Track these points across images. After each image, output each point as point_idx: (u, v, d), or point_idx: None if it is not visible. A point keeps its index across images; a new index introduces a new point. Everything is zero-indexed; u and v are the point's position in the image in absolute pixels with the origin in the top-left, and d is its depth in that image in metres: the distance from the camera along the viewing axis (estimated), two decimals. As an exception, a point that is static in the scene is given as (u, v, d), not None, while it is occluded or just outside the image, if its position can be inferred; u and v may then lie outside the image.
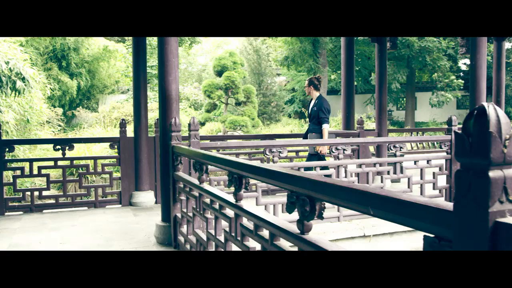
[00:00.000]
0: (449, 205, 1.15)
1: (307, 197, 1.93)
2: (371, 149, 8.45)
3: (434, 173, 5.58)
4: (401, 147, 5.52)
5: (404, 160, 5.62)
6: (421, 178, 5.49)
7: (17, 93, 7.66)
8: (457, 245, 1.09)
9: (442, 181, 5.76)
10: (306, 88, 6.67)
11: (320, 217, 1.93)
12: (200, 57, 32.43)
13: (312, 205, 1.91)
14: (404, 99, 24.61)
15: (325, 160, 6.45)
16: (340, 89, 22.77)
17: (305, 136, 6.68)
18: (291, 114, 23.06)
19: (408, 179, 5.46)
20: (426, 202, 1.23)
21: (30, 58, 10.18)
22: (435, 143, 10.28)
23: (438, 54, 20.67)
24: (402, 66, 21.04)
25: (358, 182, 5.37)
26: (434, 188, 5.61)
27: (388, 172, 5.52)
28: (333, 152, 5.27)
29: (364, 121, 7.86)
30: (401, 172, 5.49)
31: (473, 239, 1.03)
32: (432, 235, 1.24)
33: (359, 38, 18.39)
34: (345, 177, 5.34)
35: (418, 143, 11.05)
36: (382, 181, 5.51)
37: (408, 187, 5.47)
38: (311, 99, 6.71)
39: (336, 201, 1.73)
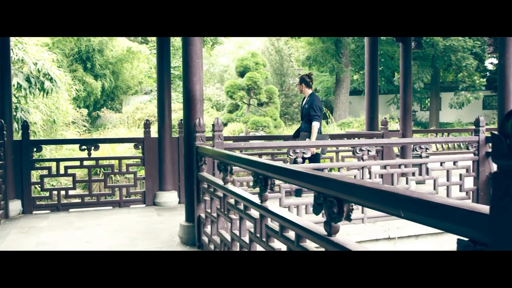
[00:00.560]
0: (485, 208, 1.12)
1: (335, 198, 1.91)
2: (395, 150, 8.35)
3: (460, 175, 5.48)
4: (427, 148, 5.44)
5: (430, 161, 5.54)
6: (447, 180, 5.40)
7: (45, 94, 7.83)
8: (493, 249, 1.06)
9: (468, 183, 5.65)
10: (298, 86, 6.51)
11: (348, 219, 1.91)
12: (222, 58, 32.55)
13: (340, 206, 1.90)
14: (428, 99, 24.24)
15: (319, 159, 6.38)
16: (362, 90, 22.71)
17: (295, 135, 6.48)
18: (313, 115, 22.95)
19: (434, 180, 5.37)
20: (460, 205, 1.21)
21: (57, 60, 10.38)
22: (461, 144, 10.10)
23: (463, 53, 20.28)
24: (426, 66, 20.72)
25: (383, 184, 5.31)
26: (460, 190, 5.51)
27: (414, 174, 5.44)
28: (357, 153, 5.22)
29: (388, 121, 7.77)
30: (427, 173, 5.40)
31: (511, 243, 1.01)
32: (466, 239, 1.21)
33: (382, 37, 18.18)
34: (370, 178, 5.28)
35: (443, 144, 10.87)
36: (407, 183, 5.44)
37: (434, 189, 5.38)
38: (304, 98, 6.57)
39: (365, 203, 1.71)
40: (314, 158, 6.18)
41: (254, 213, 2.99)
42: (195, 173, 4.42)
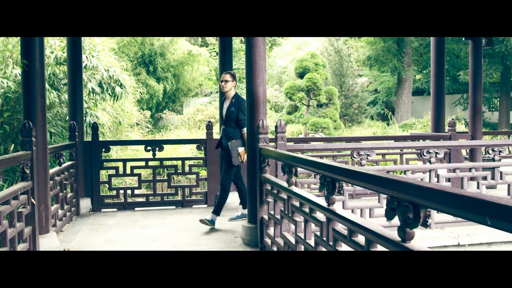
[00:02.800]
0: None
1: (410, 203, 1.84)
2: (463, 152, 7.97)
3: (538, 180, 5.14)
4: (500, 151, 5.14)
5: (503, 165, 5.22)
6: (523, 185, 5.08)
7: (116, 99, 8.19)
8: None
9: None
10: (228, 83, 5.48)
11: (425, 225, 1.83)
12: (280, 59, 32.54)
13: (416, 212, 1.82)
14: (498, 99, 22.97)
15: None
16: (425, 89, 21.93)
17: (219, 143, 5.65)
18: (373, 116, 22.44)
19: (508, 185, 5.07)
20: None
21: (121, 66, 10.80)
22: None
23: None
24: (495, 63, 19.64)
25: (452, 188, 5.08)
26: (538, 196, 5.16)
27: (485, 178, 5.16)
28: (424, 155, 5.03)
29: (455, 122, 7.43)
30: (500, 177, 5.10)
31: None
32: None
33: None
34: (437, 182, 5.07)
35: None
36: (478, 187, 5.17)
37: (508, 194, 5.08)
38: (224, 98, 5.70)
39: (445, 208, 1.62)
40: (238, 168, 5.68)
41: (320, 216, 2.95)
42: (258, 175, 4.43)
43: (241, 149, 5.38)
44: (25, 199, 3.90)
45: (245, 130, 5.26)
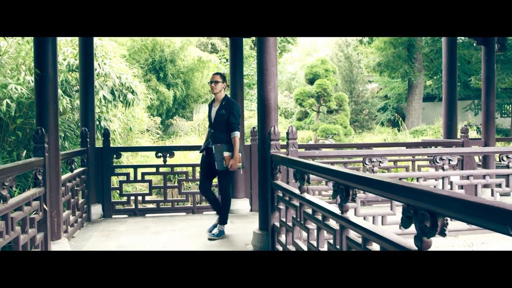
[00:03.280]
0: None
1: (427, 211, 1.81)
2: (476, 159, 7.88)
3: (554, 187, 5.06)
4: (514, 158, 5.06)
5: (518, 171, 5.15)
6: (539, 192, 5.00)
7: (127, 105, 8.23)
8: None
9: None
10: (218, 84, 5.19)
11: (442, 233, 1.79)
12: (290, 65, 32.59)
13: (434, 220, 1.79)
14: (510, 105, 22.77)
15: (232, 176, 5.51)
16: (436, 95, 21.76)
17: (204, 148, 5.32)
18: (384, 122, 22.33)
19: (524, 193, 4.99)
20: None
21: (132, 73, 10.87)
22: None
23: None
24: (507, 69, 19.46)
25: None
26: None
27: (500, 185, 5.09)
28: (437, 162, 4.97)
29: (468, 129, 7.35)
30: (515, 185, 5.03)
31: None
32: None
33: (458, 41, 17.31)
34: (451, 189, 5.01)
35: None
36: (492, 195, 5.10)
37: (523, 201, 5.00)
38: (213, 100, 5.38)
39: (464, 217, 1.59)
40: (226, 174, 5.27)
41: (333, 223, 2.92)
42: (270, 181, 4.41)
43: (226, 154, 5.09)
44: (38, 205, 3.91)
45: (236, 134, 5.07)
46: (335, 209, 2.83)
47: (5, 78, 6.35)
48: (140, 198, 6.80)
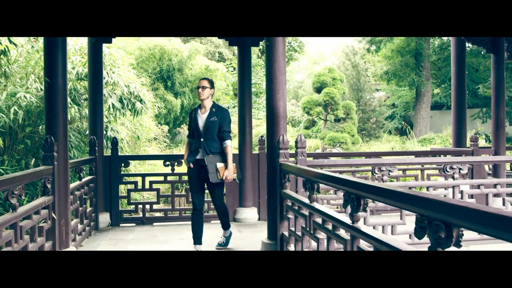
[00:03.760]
0: None
1: (442, 222, 1.77)
2: (485, 168, 7.81)
3: None
4: (526, 167, 5.01)
5: (530, 181, 5.09)
6: (552, 202, 4.93)
7: (136, 114, 8.26)
8: None
9: None
10: (206, 89, 4.81)
11: (458, 245, 1.76)
12: (297, 74, 32.66)
13: (448, 231, 1.75)
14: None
15: (223, 187, 5.08)
16: (444, 104, 21.65)
17: (191, 159, 4.83)
18: (391, 131, 22.24)
19: (536, 202, 4.93)
20: None
21: (140, 82, 10.92)
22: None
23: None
24: (516, 77, 19.37)
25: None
26: None
27: (511, 194, 5.03)
28: (447, 171, 4.92)
29: (477, 137, 7.29)
30: (527, 194, 4.97)
31: None
32: None
33: (467, 49, 17.24)
34: (461, 198, 4.95)
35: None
36: (504, 204, 5.04)
37: (535, 211, 4.93)
38: (199, 107, 4.95)
39: (481, 228, 1.55)
40: (219, 185, 4.88)
41: (344, 233, 2.88)
42: (278, 191, 4.38)
43: (220, 165, 4.72)
44: (46, 213, 3.91)
45: (228, 142, 4.77)
46: (345, 218, 2.80)
47: (14, 87, 6.39)
48: (148, 206, 6.79)
